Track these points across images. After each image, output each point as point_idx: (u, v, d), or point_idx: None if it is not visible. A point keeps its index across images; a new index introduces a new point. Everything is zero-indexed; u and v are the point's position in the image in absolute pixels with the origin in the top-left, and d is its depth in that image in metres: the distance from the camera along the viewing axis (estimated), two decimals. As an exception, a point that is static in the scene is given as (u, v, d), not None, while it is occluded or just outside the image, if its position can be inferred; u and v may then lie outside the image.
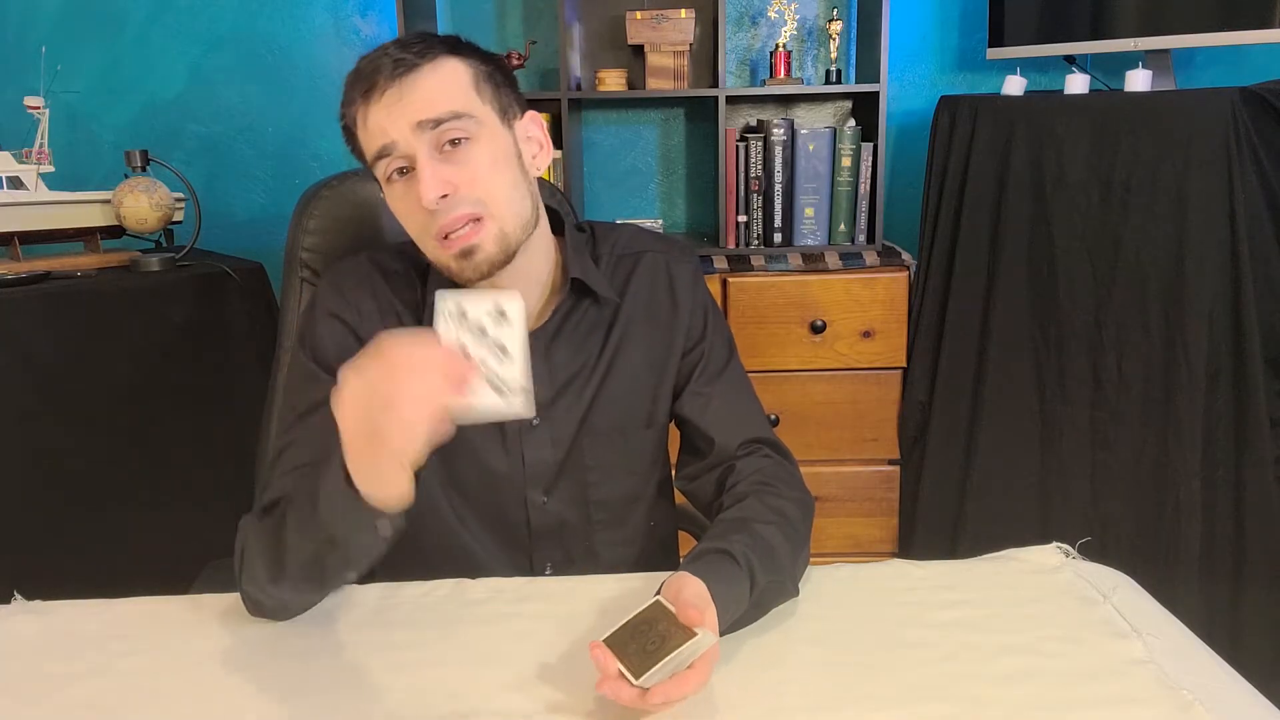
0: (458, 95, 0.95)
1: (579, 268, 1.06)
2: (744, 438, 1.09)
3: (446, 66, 0.96)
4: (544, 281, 1.07)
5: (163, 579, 1.09)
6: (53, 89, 2.06)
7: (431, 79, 0.94)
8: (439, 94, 0.94)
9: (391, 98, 0.94)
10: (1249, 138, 1.68)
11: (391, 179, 0.96)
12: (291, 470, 0.96)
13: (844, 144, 2.18)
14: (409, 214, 0.97)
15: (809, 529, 1.02)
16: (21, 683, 0.83)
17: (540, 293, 1.07)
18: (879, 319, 2.13)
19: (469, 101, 0.96)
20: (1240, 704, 0.77)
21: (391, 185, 0.97)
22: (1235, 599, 1.78)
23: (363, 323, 1.04)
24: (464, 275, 0.97)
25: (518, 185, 0.99)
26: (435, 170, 0.93)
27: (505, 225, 0.97)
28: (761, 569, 0.89)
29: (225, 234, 2.40)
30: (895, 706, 0.76)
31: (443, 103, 0.94)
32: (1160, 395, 1.81)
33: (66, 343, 1.68)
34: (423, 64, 0.94)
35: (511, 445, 1.07)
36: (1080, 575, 0.97)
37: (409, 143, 0.93)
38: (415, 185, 0.93)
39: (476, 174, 0.95)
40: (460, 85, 0.96)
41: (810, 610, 0.92)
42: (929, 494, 2.11)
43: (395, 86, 0.93)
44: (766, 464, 1.06)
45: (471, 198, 0.95)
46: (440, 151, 0.94)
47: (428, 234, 0.96)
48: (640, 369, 1.10)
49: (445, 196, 0.93)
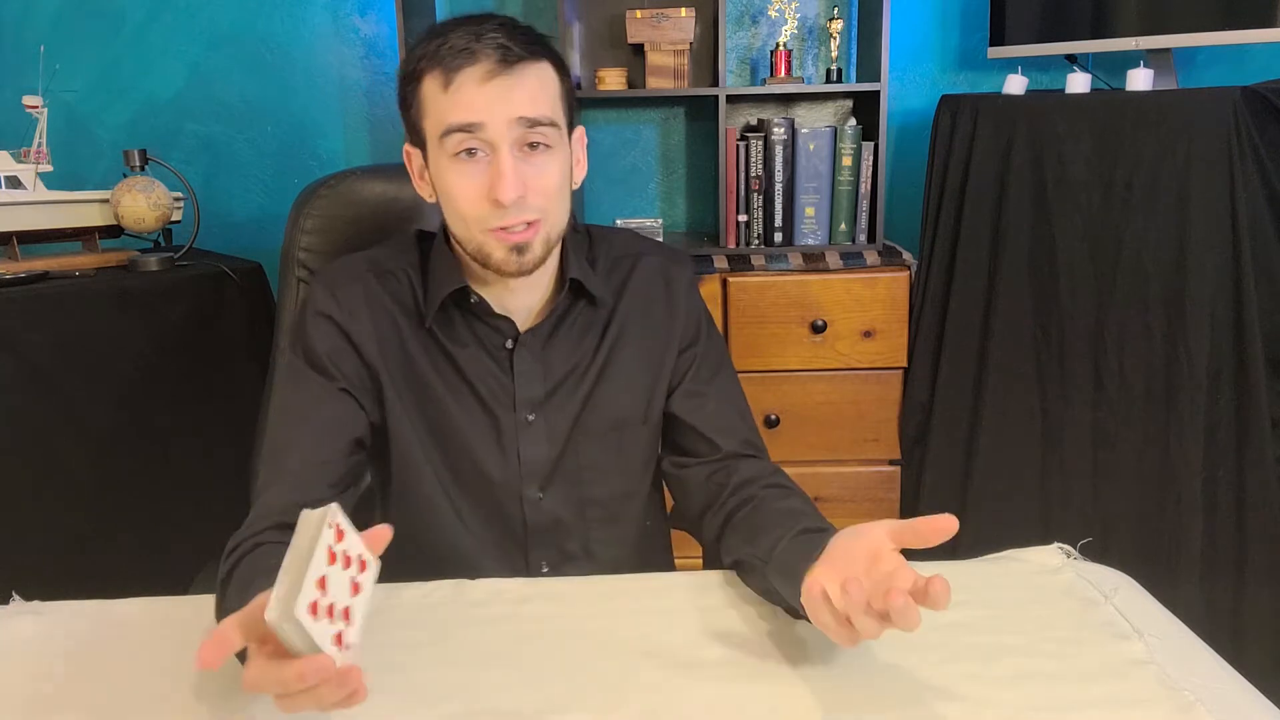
0: (552, 104, 0.97)
1: (577, 269, 1.07)
2: (740, 438, 1.09)
3: (546, 71, 0.97)
4: (549, 284, 1.08)
5: (162, 579, 1.09)
6: (51, 88, 2.05)
7: (535, 78, 0.95)
8: (540, 95, 0.96)
9: (499, 83, 0.93)
10: (1250, 137, 1.68)
11: (459, 156, 0.96)
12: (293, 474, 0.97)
13: (845, 143, 2.18)
14: (468, 197, 0.96)
15: None
16: (21, 683, 0.83)
17: (544, 292, 1.08)
18: (880, 319, 2.13)
19: (557, 112, 0.98)
20: (1242, 705, 0.77)
21: (456, 161, 0.96)
22: (1237, 599, 1.77)
23: (354, 323, 1.04)
24: (507, 269, 0.98)
25: (567, 196, 1.02)
26: (517, 168, 0.94)
27: (552, 234, 1.00)
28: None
29: (224, 234, 2.40)
30: (896, 707, 0.76)
31: (544, 107, 0.96)
32: (1161, 395, 1.80)
33: (64, 342, 1.68)
34: (529, 60, 0.95)
35: (508, 442, 1.08)
36: (1081, 576, 0.97)
37: (499, 131, 0.94)
38: (488, 173, 0.94)
39: (548, 185, 0.97)
40: (553, 94, 0.98)
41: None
42: (930, 494, 2.11)
43: (505, 74, 0.93)
44: (765, 466, 1.07)
45: (537, 205, 0.96)
46: (520, 150, 0.95)
47: (482, 223, 0.96)
48: (635, 368, 1.10)
49: (519, 197, 0.94)
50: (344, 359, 1.04)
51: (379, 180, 1.32)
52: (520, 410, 1.08)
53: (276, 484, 0.97)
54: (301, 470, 0.98)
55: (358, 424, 1.04)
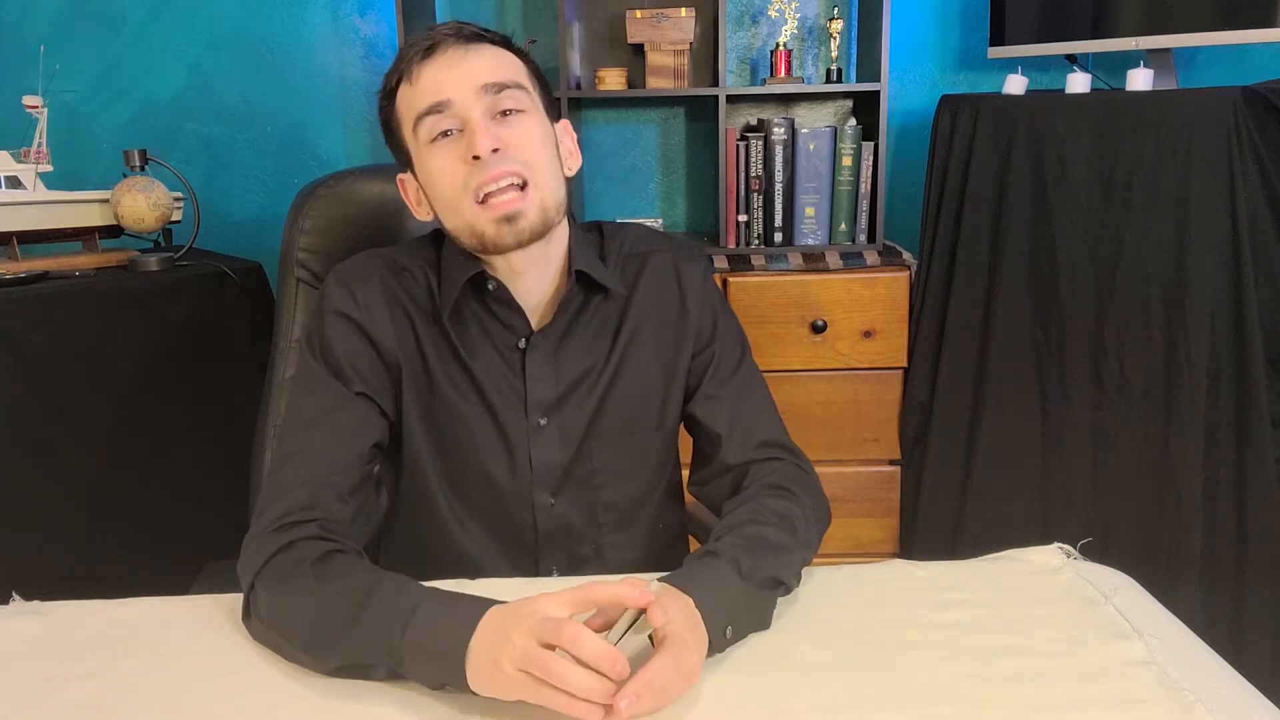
0: (517, 71, 1.01)
1: (583, 260, 1.05)
2: (758, 441, 1.07)
3: (505, 54, 1.01)
4: (558, 273, 1.06)
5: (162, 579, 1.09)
6: (51, 88, 2.05)
7: (493, 53, 0.99)
8: (501, 64, 0.99)
9: (455, 57, 0.97)
10: (1251, 137, 1.68)
11: (436, 139, 0.97)
12: (303, 484, 0.94)
13: (845, 143, 2.18)
14: (449, 173, 0.97)
15: (818, 535, 1.01)
16: (21, 683, 0.83)
17: (553, 284, 1.06)
18: (880, 319, 2.13)
19: (522, 78, 1.00)
20: (1242, 705, 0.77)
21: (434, 145, 0.97)
22: (1237, 599, 1.77)
23: (373, 321, 1.03)
24: (502, 241, 0.97)
25: (557, 170, 1.02)
26: (491, 128, 0.96)
27: (546, 199, 0.98)
28: (751, 558, 0.88)
29: (224, 234, 2.40)
30: (896, 707, 0.76)
31: (507, 71, 0.99)
32: (1161, 395, 1.80)
33: (64, 343, 1.68)
34: (486, 42, 1.00)
35: (518, 447, 1.06)
36: (1081, 576, 0.96)
37: (466, 103, 0.96)
38: (461, 142, 0.96)
39: (526, 141, 0.98)
40: (517, 69, 1.01)
41: (811, 611, 0.92)
42: (930, 494, 2.11)
43: (460, 50, 0.97)
44: (779, 467, 1.05)
45: (520, 159, 0.96)
46: (494, 118, 0.97)
47: (467, 193, 0.96)
48: (649, 370, 1.09)
49: (496, 151, 0.94)
50: (362, 360, 1.02)
51: (377, 180, 1.32)
52: (531, 414, 1.06)
53: (286, 496, 0.93)
54: (311, 481, 0.95)
55: (373, 430, 1.02)
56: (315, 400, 1.00)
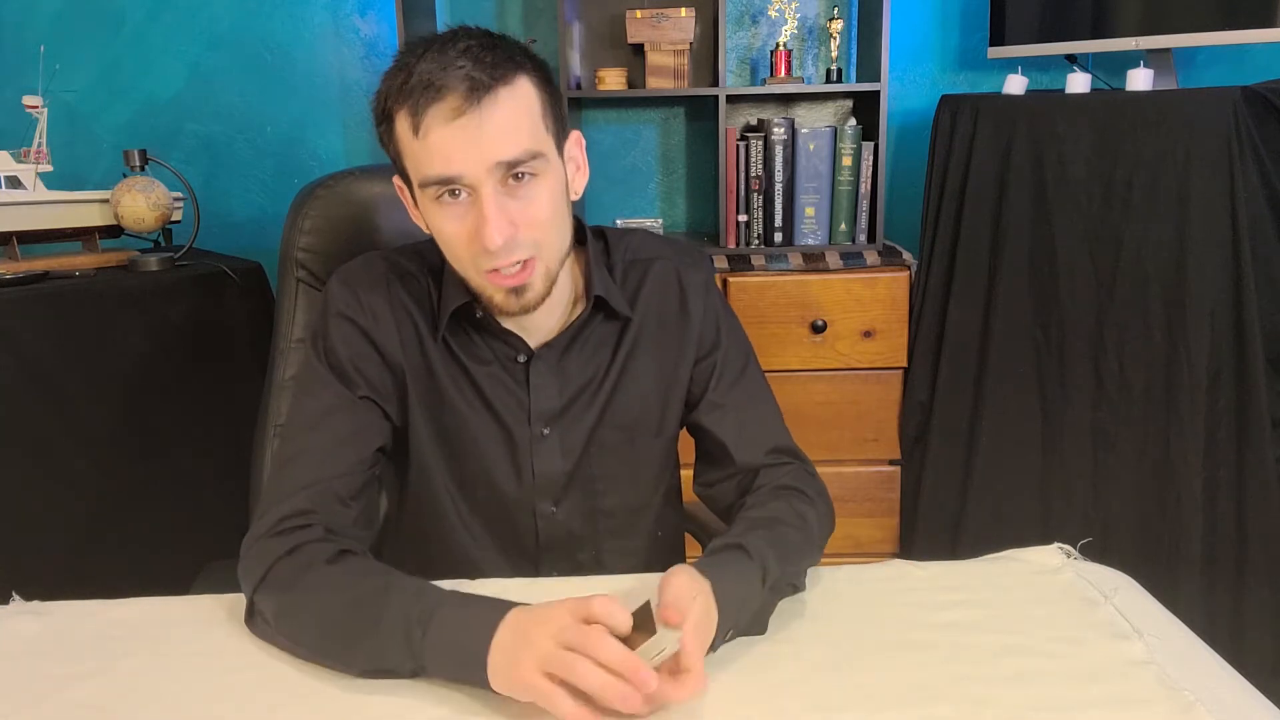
0: (532, 129, 0.92)
1: (601, 284, 1.04)
2: (766, 448, 1.07)
3: (520, 90, 0.91)
4: (566, 301, 1.06)
5: (162, 579, 1.09)
6: (51, 88, 2.05)
7: (508, 106, 0.89)
8: (515, 128, 0.90)
9: (467, 126, 0.88)
10: (1250, 137, 1.68)
11: (443, 199, 0.92)
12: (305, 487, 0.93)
13: (845, 143, 2.18)
14: (458, 239, 0.93)
15: (824, 540, 1.02)
16: (21, 683, 0.83)
17: (562, 312, 1.06)
18: (880, 319, 2.13)
19: (538, 136, 0.92)
20: (1242, 705, 0.77)
21: (441, 205, 0.92)
22: (1237, 599, 1.77)
23: (377, 326, 1.02)
24: (509, 309, 0.97)
25: (566, 221, 0.99)
26: (502, 208, 0.90)
27: (551, 264, 0.97)
28: (778, 566, 0.88)
29: (224, 234, 2.40)
30: (896, 707, 0.76)
31: (522, 140, 0.90)
32: (1161, 395, 1.80)
33: (64, 342, 1.68)
34: (498, 87, 0.89)
35: (521, 456, 1.06)
36: (1081, 576, 0.96)
37: (478, 178, 0.89)
38: (471, 215, 0.91)
39: (537, 216, 0.93)
40: (532, 115, 0.92)
41: (811, 611, 0.92)
42: (930, 494, 2.11)
43: (473, 114, 0.88)
44: (791, 470, 1.05)
45: (530, 240, 0.93)
46: (505, 186, 0.91)
47: (475, 265, 0.94)
48: (650, 378, 1.09)
49: (508, 239, 0.91)
50: (366, 363, 1.02)
51: (377, 180, 1.31)
52: (535, 424, 1.06)
53: (288, 499, 0.93)
54: (313, 484, 0.94)
55: (376, 434, 1.02)
56: (318, 402, 1.00)
